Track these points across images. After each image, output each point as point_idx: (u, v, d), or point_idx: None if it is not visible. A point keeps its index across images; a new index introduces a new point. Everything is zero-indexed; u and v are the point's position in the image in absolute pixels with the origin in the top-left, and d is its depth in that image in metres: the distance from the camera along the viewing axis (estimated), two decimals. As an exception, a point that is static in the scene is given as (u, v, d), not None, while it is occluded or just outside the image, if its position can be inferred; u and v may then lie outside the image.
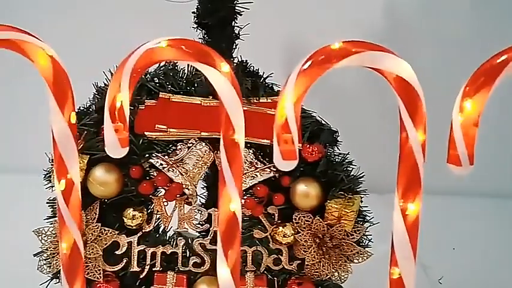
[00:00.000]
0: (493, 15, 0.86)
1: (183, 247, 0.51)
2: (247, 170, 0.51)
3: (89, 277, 0.49)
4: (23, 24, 0.36)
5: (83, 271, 0.36)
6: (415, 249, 0.32)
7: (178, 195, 0.49)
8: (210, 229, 0.52)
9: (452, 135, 0.29)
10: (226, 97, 0.31)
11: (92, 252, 0.49)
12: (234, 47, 0.53)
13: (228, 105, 0.31)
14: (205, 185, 0.57)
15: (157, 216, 0.52)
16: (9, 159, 0.87)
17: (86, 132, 0.49)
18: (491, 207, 0.83)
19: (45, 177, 0.51)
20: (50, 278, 0.51)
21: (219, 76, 0.31)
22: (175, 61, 0.48)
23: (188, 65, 0.52)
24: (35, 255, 0.50)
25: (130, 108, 0.49)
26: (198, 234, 0.54)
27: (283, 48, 0.87)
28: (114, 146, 0.32)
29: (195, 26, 0.53)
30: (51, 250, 0.50)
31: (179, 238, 0.51)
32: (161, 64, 0.51)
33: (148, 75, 0.51)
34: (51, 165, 0.50)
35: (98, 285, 0.49)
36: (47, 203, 0.52)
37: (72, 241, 0.34)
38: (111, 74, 0.57)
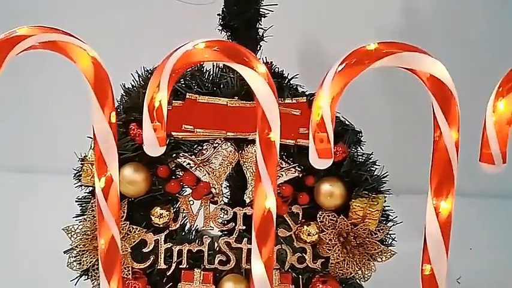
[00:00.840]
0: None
1: (208, 245, 0.52)
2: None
3: (118, 274, 0.50)
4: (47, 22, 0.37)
5: (121, 265, 0.37)
6: (448, 246, 0.32)
7: (205, 195, 0.50)
8: (235, 228, 0.53)
9: (485, 134, 0.30)
10: (263, 96, 0.32)
11: (121, 249, 0.50)
12: (258, 48, 0.55)
13: (264, 105, 0.32)
14: (228, 184, 0.58)
15: (184, 214, 0.53)
16: (35, 160, 0.89)
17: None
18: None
19: (74, 176, 0.52)
20: (79, 274, 0.52)
21: (256, 76, 0.32)
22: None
23: (214, 66, 0.53)
24: (65, 252, 0.51)
25: (158, 109, 0.51)
26: (219, 233, 0.55)
27: (299, 49, 0.88)
28: (153, 144, 0.33)
29: (220, 27, 0.55)
30: (80, 247, 0.51)
31: (204, 236, 0.52)
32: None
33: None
34: (81, 164, 0.52)
35: (127, 282, 0.50)
36: (76, 201, 0.53)
37: (110, 236, 0.35)
38: (138, 75, 0.58)
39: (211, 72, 0.53)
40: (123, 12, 0.87)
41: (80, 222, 0.52)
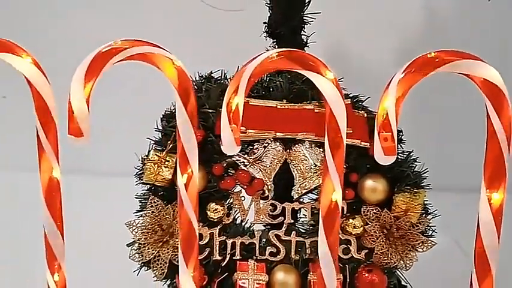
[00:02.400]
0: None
1: (259, 238, 0.56)
2: (320, 167, 0.55)
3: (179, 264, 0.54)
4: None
5: (197, 251, 0.40)
6: (499, 235, 0.36)
7: (258, 191, 0.54)
8: (284, 222, 0.56)
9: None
10: (331, 99, 0.36)
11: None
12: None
13: (333, 107, 0.36)
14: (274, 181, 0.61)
15: (236, 209, 0.56)
16: (98, 163, 0.93)
17: (174, 133, 0.54)
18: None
19: (136, 175, 0.56)
20: (140, 265, 0.56)
21: (325, 81, 0.36)
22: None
23: (263, 71, 0.57)
24: (127, 245, 0.55)
25: (212, 112, 0.55)
26: (263, 228, 0.59)
27: (323, 51, 0.92)
28: (231, 144, 0.37)
29: (266, 35, 0.58)
30: (141, 240, 0.55)
31: (256, 230, 0.56)
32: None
33: (228, 81, 0.56)
34: (143, 164, 0.56)
35: (186, 272, 0.54)
36: (136, 197, 0.57)
37: (189, 224, 0.39)
38: (192, 81, 0.62)
39: (262, 77, 0.57)
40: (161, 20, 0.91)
41: (139, 217, 0.56)
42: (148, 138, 0.56)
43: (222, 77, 0.56)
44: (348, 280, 0.54)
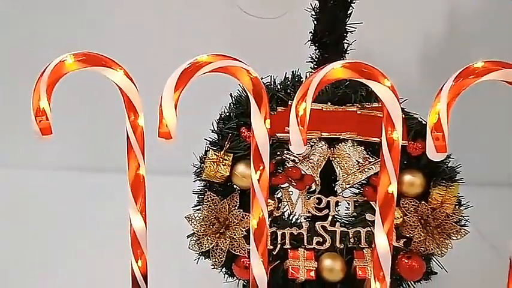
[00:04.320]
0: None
1: (307, 229, 0.61)
2: (363, 164, 0.61)
3: (236, 253, 0.59)
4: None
5: (267, 237, 0.46)
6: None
7: (307, 186, 0.60)
8: (329, 214, 0.62)
9: None
10: (389, 103, 0.41)
11: (237, 232, 0.59)
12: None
13: (390, 110, 0.41)
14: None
15: (285, 203, 0.62)
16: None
17: (230, 134, 0.60)
18: None
19: (194, 172, 0.61)
20: (198, 255, 0.61)
21: (384, 88, 0.41)
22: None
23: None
24: (187, 236, 0.61)
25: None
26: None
27: (358, 57, 0.96)
28: (299, 144, 0.42)
29: (311, 43, 0.64)
30: (200, 232, 0.61)
31: (303, 221, 0.62)
32: (289, 77, 0.61)
33: (278, 87, 0.61)
34: (201, 162, 0.61)
35: (242, 259, 0.59)
36: (194, 192, 0.62)
37: (261, 213, 0.44)
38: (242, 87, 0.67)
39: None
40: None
41: (197, 211, 0.62)
42: (206, 139, 0.61)
43: (272, 83, 0.62)
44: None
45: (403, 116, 0.61)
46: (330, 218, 0.62)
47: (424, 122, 0.62)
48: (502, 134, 0.54)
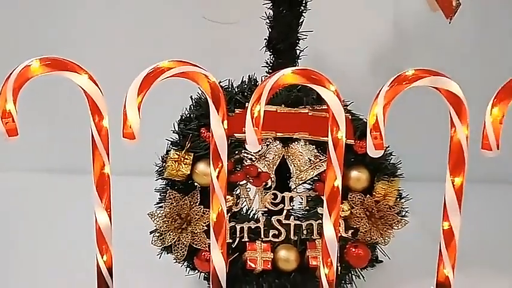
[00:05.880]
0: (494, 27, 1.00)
1: (264, 223, 0.66)
2: (314, 161, 0.66)
3: (198, 247, 0.63)
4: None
5: (226, 231, 0.50)
6: (461, 207, 0.47)
7: (264, 182, 0.64)
8: (284, 208, 0.66)
9: (484, 130, 0.45)
10: (334, 106, 0.46)
11: (198, 228, 0.63)
12: (295, 65, 0.68)
13: (335, 112, 0.46)
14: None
15: (243, 199, 0.66)
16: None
17: (190, 135, 0.63)
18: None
19: (156, 171, 0.64)
20: (161, 250, 0.65)
21: (329, 93, 0.46)
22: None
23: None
24: (150, 232, 0.64)
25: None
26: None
27: (311, 63, 1.02)
28: (255, 143, 0.46)
29: (266, 49, 0.68)
30: (163, 228, 0.64)
31: (260, 216, 0.66)
32: (245, 81, 0.66)
33: (235, 90, 0.65)
34: (163, 161, 0.64)
35: (203, 253, 0.63)
36: (156, 191, 0.65)
37: (220, 208, 0.48)
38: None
39: (264, 86, 0.66)
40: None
41: (159, 208, 0.65)
42: (167, 140, 0.65)
43: (230, 86, 0.66)
44: (338, 255, 0.65)
45: (351, 117, 0.67)
46: (285, 212, 0.66)
47: (369, 123, 0.67)
48: (438, 134, 0.62)
